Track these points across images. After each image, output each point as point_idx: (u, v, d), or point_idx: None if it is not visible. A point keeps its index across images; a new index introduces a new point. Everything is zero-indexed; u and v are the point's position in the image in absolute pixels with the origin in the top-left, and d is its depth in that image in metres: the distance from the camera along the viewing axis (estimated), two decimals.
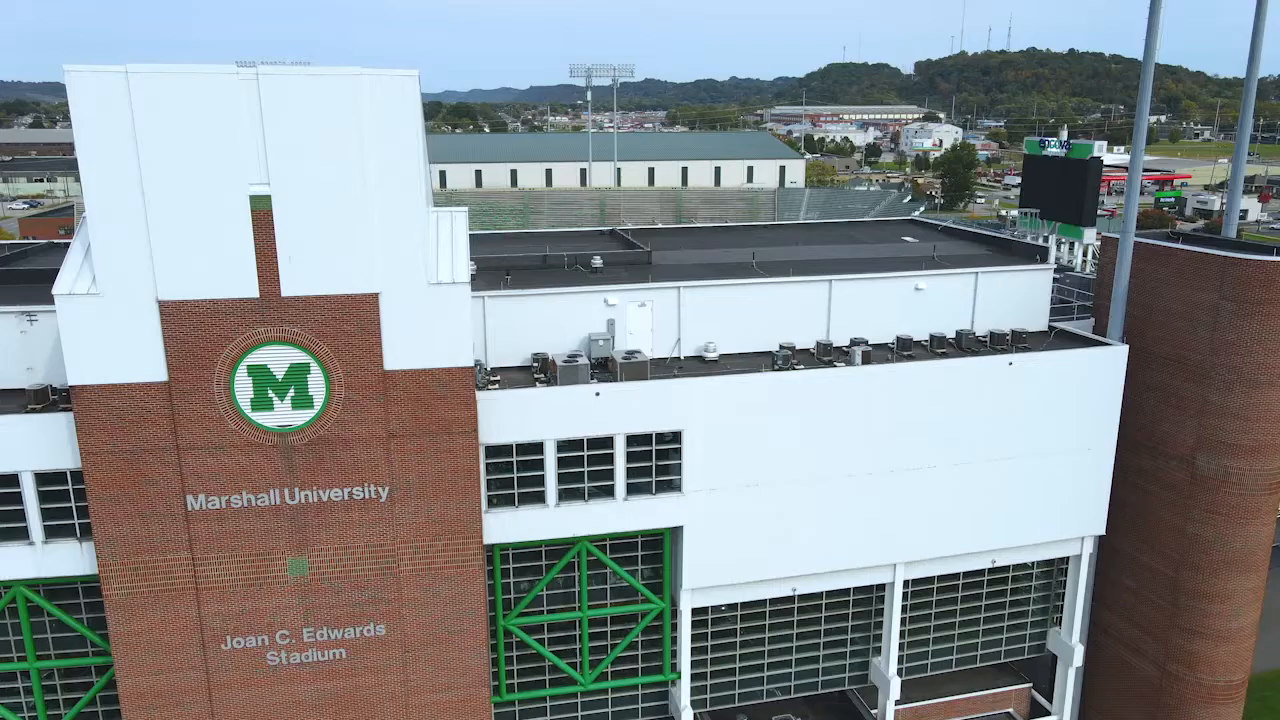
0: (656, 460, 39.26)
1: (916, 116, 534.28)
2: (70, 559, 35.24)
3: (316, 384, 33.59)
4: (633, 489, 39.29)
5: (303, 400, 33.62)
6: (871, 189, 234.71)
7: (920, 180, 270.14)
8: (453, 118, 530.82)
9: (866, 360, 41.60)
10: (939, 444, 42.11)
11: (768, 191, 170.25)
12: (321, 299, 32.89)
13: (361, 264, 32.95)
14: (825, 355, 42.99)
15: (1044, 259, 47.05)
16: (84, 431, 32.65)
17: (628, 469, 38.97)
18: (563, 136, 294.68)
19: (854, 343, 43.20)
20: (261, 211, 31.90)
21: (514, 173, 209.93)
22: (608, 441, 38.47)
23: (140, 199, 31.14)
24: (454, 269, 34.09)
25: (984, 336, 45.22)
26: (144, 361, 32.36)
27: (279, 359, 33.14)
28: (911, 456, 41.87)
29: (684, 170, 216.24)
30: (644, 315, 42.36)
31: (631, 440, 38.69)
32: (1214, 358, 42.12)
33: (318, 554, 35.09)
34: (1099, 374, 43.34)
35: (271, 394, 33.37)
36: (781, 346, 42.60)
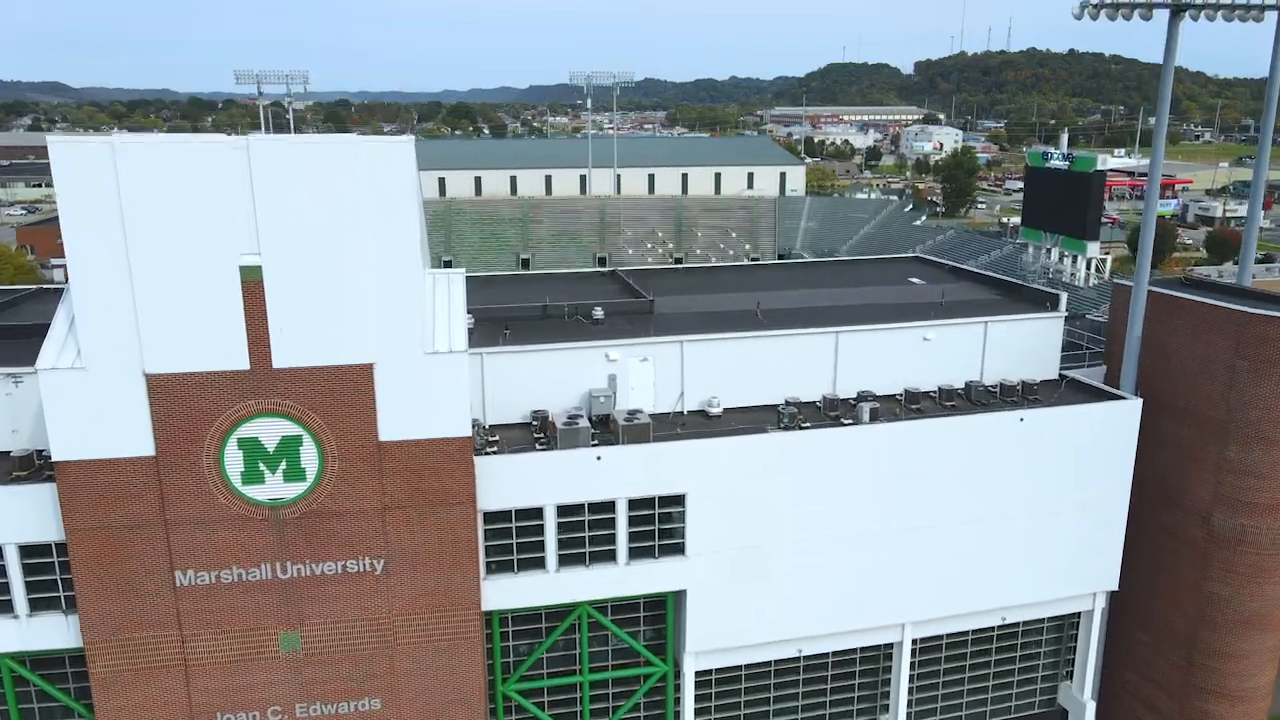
0: (659, 524, 38.24)
1: (916, 117, 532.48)
2: (56, 632, 34.19)
3: (309, 456, 32.57)
4: (635, 553, 38.28)
5: (295, 473, 32.60)
6: (872, 197, 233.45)
7: (921, 186, 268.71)
8: (452, 119, 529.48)
9: (874, 417, 40.56)
10: (948, 501, 41.13)
11: (768, 200, 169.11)
12: (314, 370, 31.86)
13: (356, 334, 31.93)
14: (832, 410, 42.00)
15: (1055, 306, 46.03)
16: (68, 508, 31.64)
17: (630, 533, 37.96)
18: (562, 142, 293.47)
19: (861, 397, 42.20)
20: (252, 282, 30.89)
21: (514, 179, 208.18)
22: (609, 506, 37.46)
23: (126, 271, 30.13)
24: (451, 337, 33.06)
25: (994, 387, 44.27)
26: (131, 436, 31.34)
27: (270, 431, 32.11)
28: (920, 515, 40.89)
29: (684, 176, 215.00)
30: (646, 370, 41.34)
31: (634, 504, 37.69)
32: (1231, 413, 41.10)
33: (311, 628, 34.06)
34: (1112, 428, 42.35)
35: (262, 467, 32.35)
36: (787, 402, 41.61)
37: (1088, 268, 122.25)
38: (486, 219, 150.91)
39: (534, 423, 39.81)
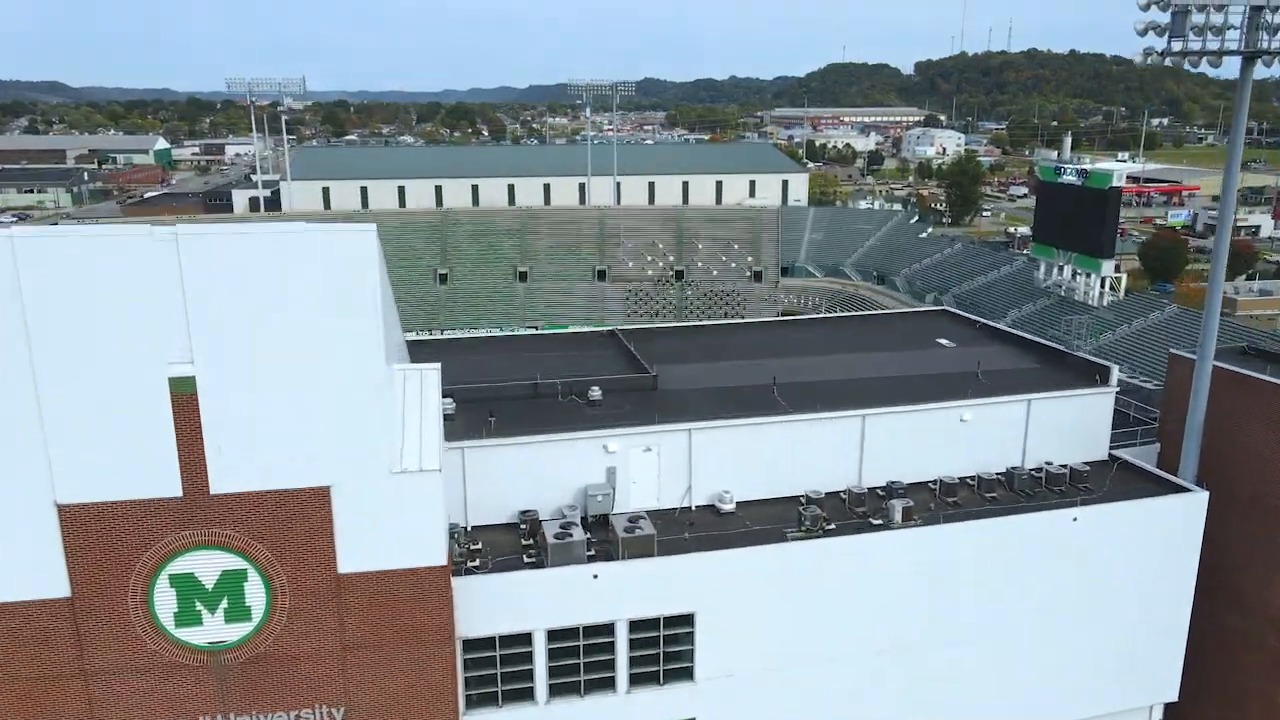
0: (665, 646, 33.44)
1: (917, 119, 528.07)
2: None
3: (255, 593, 27.75)
4: (637, 679, 33.48)
5: (238, 612, 27.77)
6: (876, 205, 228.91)
7: (924, 192, 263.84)
8: (450, 120, 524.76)
9: (907, 517, 35.78)
10: (991, 610, 36.42)
11: (771, 211, 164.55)
12: (259, 495, 27.04)
13: (309, 453, 27.09)
14: (858, 505, 37.22)
15: (1105, 379, 41.22)
16: None
17: (631, 657, 33.19)
18: (561, 148, 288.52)
19: (891, 492, 37.41)
20: (184, 395, 26.06)
21: (511, 188, 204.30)
22: (608, 628, 32.70)
23: (32, 385, 25.28)
24: (422, 452, 28.22)
25: (1038, 473, 39.49)
26: (41, 575, 26.51)
27: (208, 566, 27.30)
28: (958, 626, 36.16)
29: (685, 185, 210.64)
30: (649, 461, 36.55)
31: (635, 625, 32.91)
32: None
33: None
34: (1174, 524, 37.61)
35: (200, 606, 27.53)
36: (808, 499, 36.82)
37: (1102, 286, 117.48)
38: (484, 230, 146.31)
39: (523, 525, 35.04)
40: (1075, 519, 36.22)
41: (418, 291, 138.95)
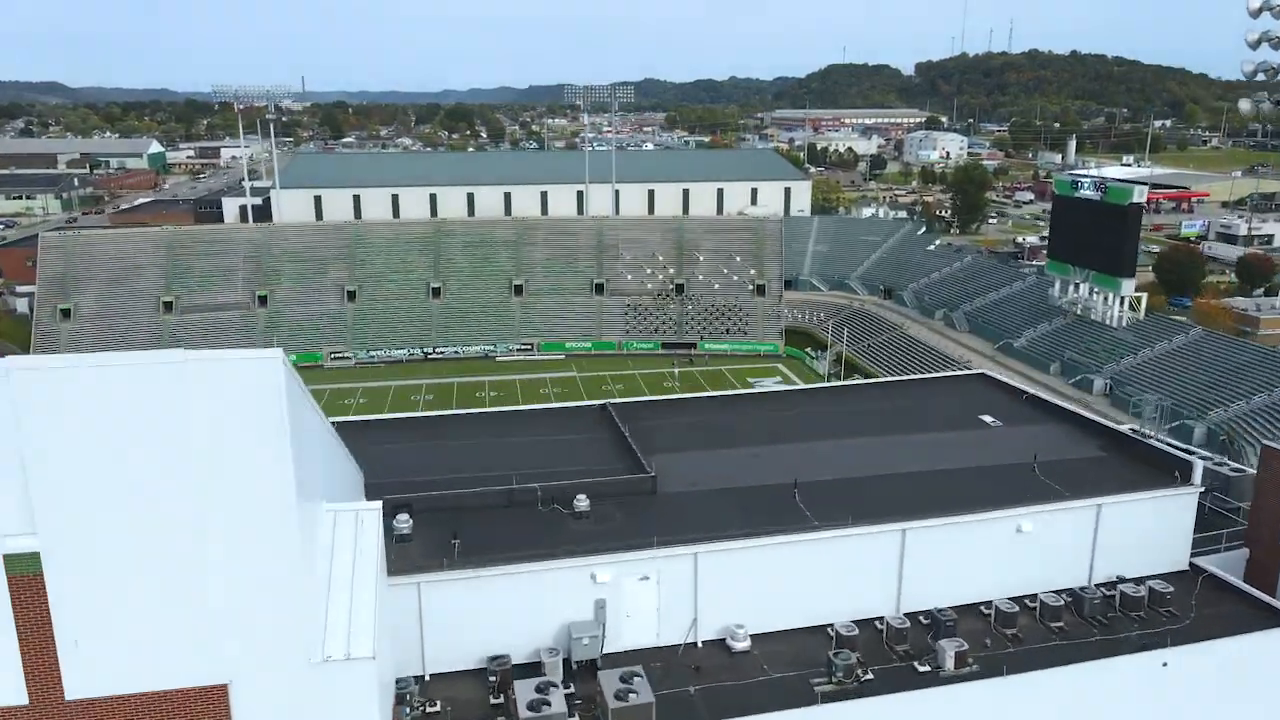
0: None
1: (919, 120, 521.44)
2: None
3: None
4: None
5: None
6: (880, 213, 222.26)
7: (929, 199, 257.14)
8: (449, 121, 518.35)
9: (961, 663, 29.38)
10: None
11: (773, 222, 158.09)
12: (132, 699, 20.56)
13: (197, 643, 20.57)
14: (898, 642, 30.79)
15: (1186, 478, 34.77)
16: None
17: None
18: (559, 155, 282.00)
19: (938, 624, 30.88)
20: (26, 576, 19.58)
21: (508, 196, 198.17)
22: None
23: None
24: (351, 634, 21.71)
25: (1110, 593, 33.11)
26: None
27: None
28: None
29: (685, 192, 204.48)
30: (647, 592, 30.13)
31: None
32: None
33: None
34: (1276, 661, 31.30)
35: None
36: (839, 636, 30.36)
37: (1121, 306, 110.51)
38: (479, 241, 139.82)
39: (491, 676, 28.55)
40: (1165, 664, 29.85)
41: (409, 307, 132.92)
